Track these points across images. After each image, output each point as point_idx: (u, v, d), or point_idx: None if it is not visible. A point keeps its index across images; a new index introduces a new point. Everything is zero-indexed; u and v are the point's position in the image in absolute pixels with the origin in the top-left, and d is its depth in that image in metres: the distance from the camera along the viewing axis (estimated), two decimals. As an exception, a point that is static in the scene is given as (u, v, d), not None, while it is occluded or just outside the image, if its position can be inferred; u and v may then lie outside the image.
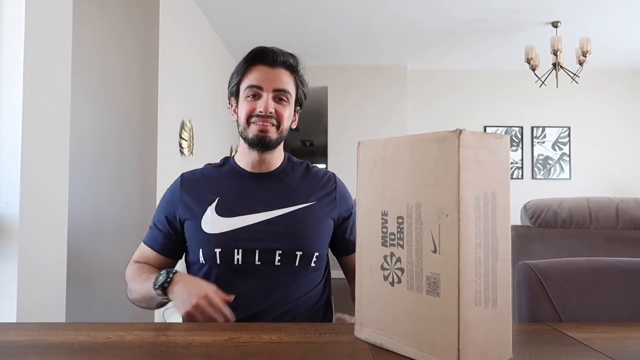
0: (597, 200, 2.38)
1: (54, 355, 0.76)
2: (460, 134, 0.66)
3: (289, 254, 1.15)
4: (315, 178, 1.28)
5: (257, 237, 1.15)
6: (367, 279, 0.81)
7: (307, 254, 1.17)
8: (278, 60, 1.18)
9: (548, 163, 5.89)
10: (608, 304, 1.05)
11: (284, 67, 1.19)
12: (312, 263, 1.18)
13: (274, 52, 1.18)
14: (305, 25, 4.51)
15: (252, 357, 0.74)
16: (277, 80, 1.17)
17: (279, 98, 1.18)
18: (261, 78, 1.17)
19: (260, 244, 1.14)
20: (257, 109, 1.16)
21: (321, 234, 1.22)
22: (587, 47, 4.18)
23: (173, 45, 3.32)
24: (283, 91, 1.18)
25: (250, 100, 1.17)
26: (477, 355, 0.67)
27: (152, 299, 1.09)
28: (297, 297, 1.16)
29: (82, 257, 2.81)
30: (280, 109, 1.18)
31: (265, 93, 1.17)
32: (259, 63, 1.18)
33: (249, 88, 1.17)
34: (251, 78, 1.18)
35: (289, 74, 1.20)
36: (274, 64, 1.18)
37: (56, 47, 1.81)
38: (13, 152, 1.60)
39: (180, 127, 3.50)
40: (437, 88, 5.99)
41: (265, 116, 1.16)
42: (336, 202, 1.26)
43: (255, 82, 1.17)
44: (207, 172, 1.28)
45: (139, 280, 1.15)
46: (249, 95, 1.18)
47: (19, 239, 1.58)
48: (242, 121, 1.19)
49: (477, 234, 0.67)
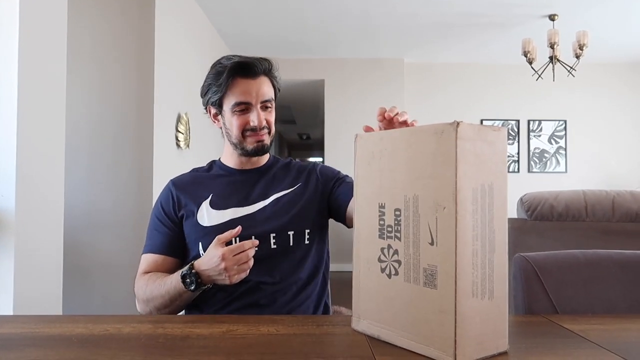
0: (593, 193, 2.38)
1: (51, 347, 0.76)
2: (458, 126, 0.66)
3: (282, 235, 1.21)
4: (298, 167, 1.36)
5: (252, 224, 1.19)
6: (364, 271, 0.81)
7: (298, 232, 1.23)
8: (258, 70, 1.22)
9: (544, 156, 5.90)
10: (603, 295, 1.06)
11: (263, 74, 1.24)
12: (306, 240, 1.24)
13: (254, 65, 1.22)
14: (302, 17, 4.48)
15: (250, 349, 0.74)
16: (262, 91, 1.23)
17: (265, 107, 1.24)
18: (247, 93, 1.21)
19: (255, 230, 1.18)
20: (251, 123, 1.22)
21: (309, 210, 1.27)
22: (584, 40, 4.18)
23: (169, 37, 3.30)
24: (268, 100, 1.24)
25: (240, 115, 1.22)
26: (474, 347, 0.67)
27: (180, 295, 1.09)
28: (294, 273, 1.21)
29: (79, 249, 2.80)
30: (268, 116, 1.26)
31: (253, 107, 1.22)
32: (239, 76, 1.21)
33: (236, 105, 1.21)
34: (237, 94, 1.21)
35: (268, 80, 1.26)
36: (256, 75, 1.22)
37: (51, 39, 1.79)
38: (9, 145, 1.59)
39: (176, 120, 3.48)
40: (435, 81, 5.98)
41: (259, 129, 1.23)
42: (318, 175, 1.33)
43: (244, 99, 1.21)
44: (196, 175, 1.34)
45: (159, 284, 1.13)
46: (237, 110, 1.22)
47: (15, 231, 1.58)
48: (236, 134, 1.24)
49: (474, 226, 0.67)
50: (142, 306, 1.17)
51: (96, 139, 2.97)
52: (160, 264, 1.23)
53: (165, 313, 1.14)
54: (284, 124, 9.75)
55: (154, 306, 1.14)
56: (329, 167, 1.39)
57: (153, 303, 1.13)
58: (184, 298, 1.10)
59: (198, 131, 3.93)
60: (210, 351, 0.73)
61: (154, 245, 1.25)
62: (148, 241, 1.28)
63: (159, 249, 1.25)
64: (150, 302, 1.14)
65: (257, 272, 1.15)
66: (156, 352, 0.74)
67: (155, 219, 1.29)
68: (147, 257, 1.25)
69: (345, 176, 1.34)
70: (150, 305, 1.14)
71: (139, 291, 1.18)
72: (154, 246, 1.25)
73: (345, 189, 1.27)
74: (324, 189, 1.31)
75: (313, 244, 1.26)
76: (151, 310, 1.15)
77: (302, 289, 1.21)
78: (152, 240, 1.27)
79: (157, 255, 1.24)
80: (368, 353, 0.72)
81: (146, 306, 1.16)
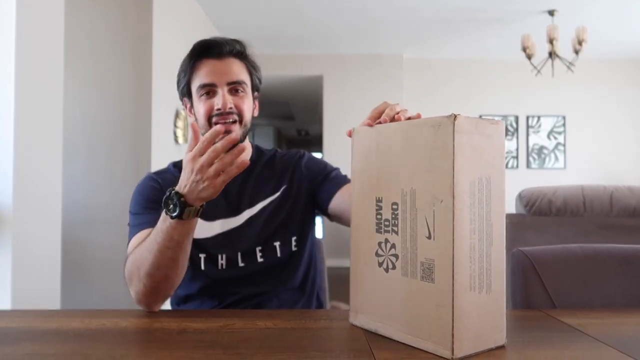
0: (592, 189, 2.39)
1: (48, 341, 0.76)
2: (455, 119, 0.65)
3: (268, 248, 1.15)
4: (282, 163, 1.24)
5: (239, 239, 1.14)
6: (361, 265, 0.81)
7: (285, 242, 1.16)
8: (225, 50, 1.11)
9: (543, 152, 5.90)
10: (601, 290, 1.06)
11: (232, 56, 1.12)
12: (293, 247, 1.18)
13: (218, 43, 1.11)
14: (300, 13, 4.47)
15: (247, 343, 0.74)
16: (229, 72, 1.10)
17: (234, 90, 1.11)
18: (211, 73, 1.09)
19: (242, 246, 1.14)
20: (215, 107, 1.09)
21: (295, 215, 1.19)
22: (584, 36, 4.17)
23: (167, 33, 3.28)
24: (237, 82, 1.11)
25: (206, 99, 1.10)
26: (471, 341, 0.67)
27: (170, 237, 0.88)
28: (285, 282, 1.17)
29: (76, 245, 2.80)
30: (238, 102, 1.10)
31: (219, 89, 1.09)
32: (205, 57, 1.11)
33: (201, 87, 1.10)
34: (201, 76, 1.10)
35: (239, 62, 1.13)
36: (221, 55, 1.11)
37: (48, 35, 1.78)
38: (6, 141, 1.58)
39: (174, 116, 3.48)
40: (434, 77, 5.97)
41: (225, 113, 1.08)
42: (303, 170, 1.23)
43: (207, 80, 1.09)
44: (175, 175, 1.14)
45: (146, 242, 0.93)
46: (203, 94, 1.10)
47: (13, 227, 1.57)
48: (203, 122, 1.10)
49: (471, 219, 0.67)
50: (135, 284, 0.95)
51: (94, 135, 2.96)
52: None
53: (160, 280, 0.92)
54: (283, 120, 9.73)
55: (145, 273, 0.92)
56: (315, 159, 1.27)
57: (144, 269, 0.92)
58: (175, 240, 0.88)
59: (196, 127, 3.92)
60: (207, 345, 0.73)
61: (150, 222, 1.00)
62: (137, 221, 1.08)
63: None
64: (141, 269, 0.93)
65: (244, 286, 1.13)
66: (153, 346, 0.74)
67: (142, 201, 1.12)
68: (141, 234, 1.03)
69: (331, 171, 1.23)
70: (142, 273, 0.92)
71: (129, 267, 0.97)
72: (149, 223, 1.02)
73: (328, 186, 1.18)
74: (310, 185, 1.21)
75: (301, 249, 1.20)
76: (144, 284, 0.93)
77: (294, 295, 1.18)
78: (145, 218, 1.07)
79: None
80: (365, 347, 0.72)
81: (138, 281, 0.94)
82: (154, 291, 0.94)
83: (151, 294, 0.94)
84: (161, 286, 0.94)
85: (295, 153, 1.28)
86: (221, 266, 1.13)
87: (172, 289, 0.97)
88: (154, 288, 0.93)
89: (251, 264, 1.14)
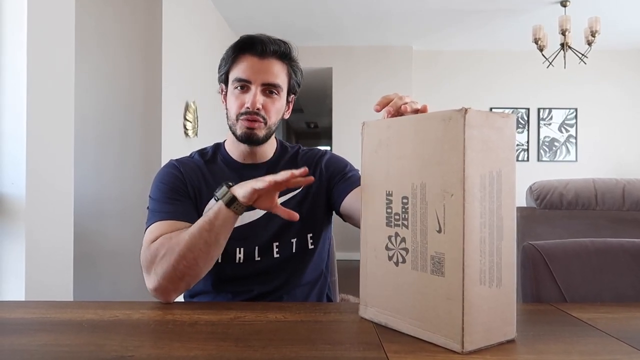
0: (603, 182, 2.36)
1: (61, 332, 0.77)
2: (466, 112, 0.65)
3: (285, 244, 1.16)
4: (304, 160, 1.25)
5: (256, 233, 1.14)
6: (371, 259, 0.81)
7: (301, 238, 1.17)
8: (268, 50, 1.12)
9: (554, 145, 5.84)
10: (612, 284, 1.05)
11: (274, 57, 1.13)
12: (309, 245, 1.18)
13: (263, 42, 1.11)
14: (309, 4, 4.45)
15: (258, 335, 0.75)
16: (267, 72, 1.11)
17: (268, 91, 1.13)
18: (249, 71, 1.11)
19: (259, 240, 1.14)
20: (245, 105, 1.11)
21: (313, 213, 1.19)
22: (596, 26, 4.11)
23: (176, 25, 3.29)
24: (272, 85, 1.12)
25: (239, 94, 1.13)
26: (481, 334, 0.67)
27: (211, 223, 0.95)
28: (297, 279, 1.18)
29: (87, 237, 2.83)
30: (268, 103, 1.13)
31: (253, 87, 1.11)
32: (247, 53, 1.12)
33: (236, 80, 1.12)
34: (239, 70, 1.12)
35: (280, 63, 1.15)
36: (264, 54, 1.12)
37: (59, 29, 1.79)
38: (18, 133, 1.60)
39: (184, 108, 3.49)
40: (443, 69, 5.92)
41: (252, 113, 1.11)
42: (323, 169, 1.23)
43: (244, 76, 1.11)
44: (199, 165, 1.21)
45: (186, 231, 0.97)
46: (237, 87, 1.13)
47: (25, 218, 1.59)
48: (232, 116, 1.14)
49: (482, 213, 0.67)
50: (160, 267, 0.96)
51: (104, 127, 2.98)
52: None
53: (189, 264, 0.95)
54: (292, 112, 9.71)
55: (178, 255, 0.94)
56: (336, 158, 1.28)
57: (178, 249, 0.94)
58: (215, 225, 0.94)
59: (206, 119, 3.94)
60: (219, 337, 0.74)
61: (173, 213, 1.05)
62: (157, 208, 1.09)
63: (183, 215, 1.06)
64: (175, 249, 0.95)
65: (259, 283, 1.14)
66: (165, 338, 0.75)
67: (164, 189, 1.12)
68: (161, 224, 1.04)
69: (349, 171, 1.23)
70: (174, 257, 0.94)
71: (152, 251, 0.98)
72: (172, 213, 1.05)
73: (342, 186, 1.18)
74: (328, 185, 1.22)
75: (316, 247, 1.20)
76: (174, 266, 0.94)
77: (304, 291, 1.19)
78: (165, 207, 1.07)
79: (180, 222, 1.04)
80: (375, 340, 0.72)
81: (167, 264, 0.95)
82: (179, 277, 0.96)
83: (174, 280, 0.96)
84: (186, 272, 0.96)
85: (317, 151, 1.29)
86: (239, 260, 1.13)
87: (196, 278, 0.99)
88: (181, 273, 0.95)
89: (267, 259, 1.14)
